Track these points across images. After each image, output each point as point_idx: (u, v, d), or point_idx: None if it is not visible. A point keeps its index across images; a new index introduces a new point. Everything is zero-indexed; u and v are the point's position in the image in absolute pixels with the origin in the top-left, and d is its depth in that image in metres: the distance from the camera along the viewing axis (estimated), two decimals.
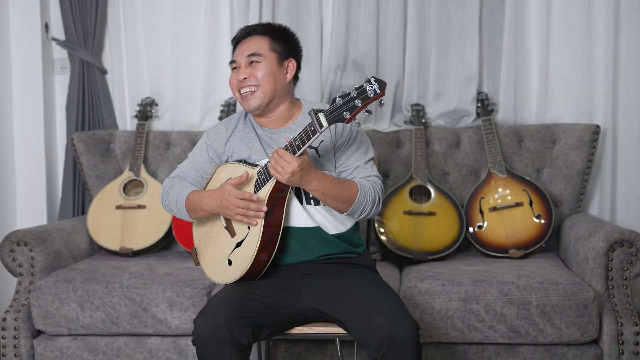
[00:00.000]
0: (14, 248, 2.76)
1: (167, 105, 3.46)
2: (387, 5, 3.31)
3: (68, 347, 2.68)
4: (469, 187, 3.19)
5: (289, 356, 2.62)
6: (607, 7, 3.18)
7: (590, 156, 3.13)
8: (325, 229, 2.20)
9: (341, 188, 2.11)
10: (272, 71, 2.21)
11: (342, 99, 1.93)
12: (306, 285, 2.16)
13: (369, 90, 1.90)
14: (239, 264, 2.15)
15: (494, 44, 3.32)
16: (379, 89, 1.90)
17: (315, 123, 1.96)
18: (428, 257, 2.96)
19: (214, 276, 2.24)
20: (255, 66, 2.21)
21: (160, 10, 3.43)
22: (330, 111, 1.94)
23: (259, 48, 2.22)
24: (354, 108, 1.91)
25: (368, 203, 2.14)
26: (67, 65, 3.50)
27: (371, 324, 1.97)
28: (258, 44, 2.23)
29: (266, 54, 2.22)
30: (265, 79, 2.20)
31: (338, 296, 2.10)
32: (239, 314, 2.01)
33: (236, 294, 2.11)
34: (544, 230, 2.99)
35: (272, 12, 3.34)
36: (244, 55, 2.23)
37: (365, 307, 2.03)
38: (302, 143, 2.00)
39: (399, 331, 1.94)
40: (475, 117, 3.30)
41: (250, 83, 2.21)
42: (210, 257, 2.27)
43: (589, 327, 2.50)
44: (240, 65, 2.24)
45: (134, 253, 3.10)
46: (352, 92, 1.92)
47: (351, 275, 2.18)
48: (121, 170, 3.33)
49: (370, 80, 1.91)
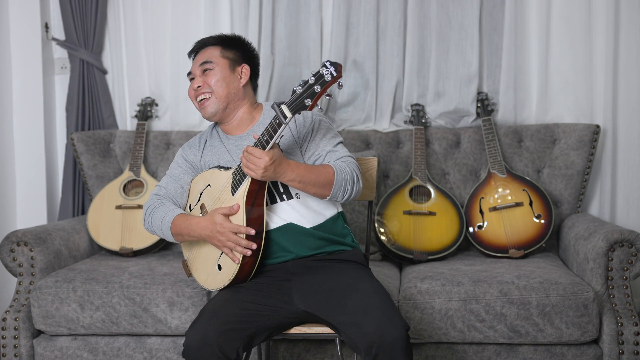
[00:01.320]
0: (14, 248, 2.76)
1: (167, 105, 3.47)
2: (387, 5, 3.31)
3: (68, 347, 2.68)
4: (469, 187, 3.19)
5: (289, 356, 2.62)
6: (607, 7, 3.18)
7: (590, 156, 3.13)
8: (300, 224, 2.20)
9: (317, 173, 2.13)
10: (224, 77, 2.29)
11: (301, 87, 1.96)
12: (296, 286, 2.15)
13: (326, 75, 1.94)
14: (228, 267, 2.15)
15: (494, 44, 3.32)
16: (335, 71, 1.94)
17: (279, 115, 1.99)
18: (428, 257, 2.96)
19: (207, 283, 2.25)
20: (208, 74, 2.30)
21: (160, 10, 3.43)
22: (292, 101, 1.97)
23: (210, 56, 2.33)
24: (314, 94, 1.94)
25: (347, 183, 2.15)
26: (67, 65, 3.50)
27: (360, 327, 1.96)
28: (209, 53, 2.33)
29: (217, 61, 2.31)
30: (218, 85, 2.28)
31: (327, 298, 2.09)
32: (229, 327, 2.01)
33: (227, 304, 2.10)
34: (544, 230, 2.99)
35: (272, 12, 3.34)
36: (197, 64, 2.33)
37: (354, 310, 2.02)
38: (269, 137, 2.03)
39: (388, 334, 1.93)
40: (475, 117, 3.31)
41: (205, 90, 2.30)
42: (201, 265, 2.27)
43: (589, 327, 2.50)
44: (196, 75, 2.33)
45: (134, 253, 3.10)
46: (310, 79, 1.96)
47: (340, 274, 2.16)
48: (121, 170, 3.33)
49: (325, 65, 1.94)
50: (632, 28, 3.20)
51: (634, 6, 3.19)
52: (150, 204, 2.32)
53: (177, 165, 2.38)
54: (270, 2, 3.33)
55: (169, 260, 3.01)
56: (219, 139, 2.35)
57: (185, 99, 3.43)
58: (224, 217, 2.13)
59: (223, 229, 2.11)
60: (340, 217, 2.29)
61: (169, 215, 2.25)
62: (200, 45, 2.38)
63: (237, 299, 2.12)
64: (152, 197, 2.34)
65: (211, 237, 2.15)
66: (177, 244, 3.22)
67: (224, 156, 2.30)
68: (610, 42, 3.19)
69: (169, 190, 2.34)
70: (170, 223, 2.23)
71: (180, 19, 3.41)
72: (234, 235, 2.10)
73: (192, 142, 2.40)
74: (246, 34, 3.34)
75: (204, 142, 2.38)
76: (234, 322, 2.03)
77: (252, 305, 2.10)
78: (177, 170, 2.37)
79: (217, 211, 2.14)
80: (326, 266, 2.20)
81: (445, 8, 3.29)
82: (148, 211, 2.31)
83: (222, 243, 2.12)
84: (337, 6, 3.32)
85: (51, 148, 3.50)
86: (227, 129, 2.35)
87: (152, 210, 2.30)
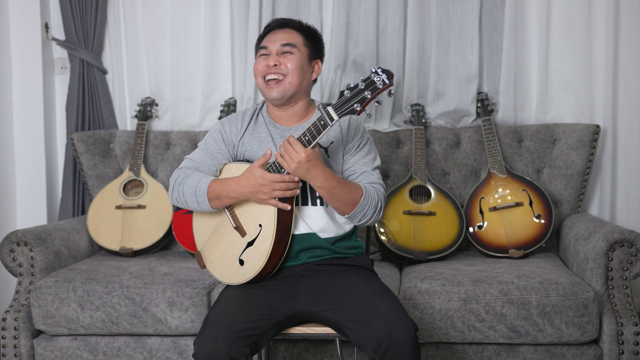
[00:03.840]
0: (14, 248, 2.76)
1: (167, 105, 3.47)
2: (387, 5, 3.31)
3: (68, 347, 2.68)
4: (469, 187, 3.19)
5: (289, 356, 2.62)
6: (607, 7, 3.18)
7: (590, 156, 3.13)
8: (322, 234, 2.19)
9: (347, 189, 2.10)
10: (301, 65, 2.22)
11: (350, 92, 1.94)
12: (304, 287, 2.15)
13: (378, 81, 1.92)
14: (253, 263, 2.13)
15: (494, 44, 3.32)
16: (387, 79, 1.91)
17: (325, 117, 1.96)
18: (428, 257, 2.96)
19: (225, 277, 2.21)
20: (287, 56, 2.21)
21: (160, 10, 3.44)
22: (339, 104, 1.95)
23: (294, 40, 2.23)
24: (364, 100, 1.93)
25: (370, 209, 2.14)
26: (67, 65, 3.50)
27: (369, 325, 1.97)
28: (293, 36, 2.24)
29: (300, 48, 2.23)
30: (295, 72, 2.20)
31: (336, 298, 2.09)
32: (238, 336, 1.98)
33: (234, 311, 2.06)
34: (544, 230, 2.99)
35: (272, 12, 3.34)
36: (277, 43, 2.22)
37: (363, 308, 2.02)
38: (312, 137, 2.00)
39: (397, 332, 1.93)
40: (475, 117, 3.31)
41: (279, 71, 2.20)
42: (219, 258, 2.23)
43: (589, 327, 2.50)
44: (271, 53, 2.22)
45: (134, 253, 3.10)
46: (359, 84, 1.93)
47: (349, 277, 2.17)
48: (121, 170, 3.33)
49: (377, 72, 1.92)
50: (632, 28, 3.20)
51: (634, 6, 3.19)
52: (180, 174, 2.22)
53: (215, 143, 2.27)
54: (270, 2, 3.33)
55: (169, 260, 3.01)
56: (264, 124, 2.27)
57: (185, 99, 3.44)
58: (263, 169, 2.08)
59: (265, 180, 2.06)
60: (356, 230, 2.31)
61: (204, 180, 2.16)
62: (282, 24, 2.27)
63: (244, 304, 2.09)
64: (181, 170, 2.24)
65: (255, 193, 2.08)
66: (177, 244, 3.22)
67: (267, 143, 2.23)
68: (610, 42, 3.19)
69: (202, 168, 2.24)
70: (207, 187, 2.15)
71: (180, 19, 3.41)
72: (279, 183, 2.05)
73: (233, 120, 2.29)
74: (246, 34, 3.35)
75: (247, 122, 2.28)
76: (243, 330, 1.99)
77: (259, 309, 2.07)
78: (214, 147, 2.26)
79: (254, 166, 2.09)
80: (335, 270, 2.20)
81: (445, 8, 3.29)
82: (178, 181, 2.21)
83: (268, 195, 2.06)
84: (337, 6, 3.32)
85: (51, 148, 3.50)
86: (278, 117, 2.27)
87: (183, 179, 2.20)
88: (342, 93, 1.94)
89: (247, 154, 2.25)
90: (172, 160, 3.31)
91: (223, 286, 2.64)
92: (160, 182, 3.25)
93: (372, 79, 1.92)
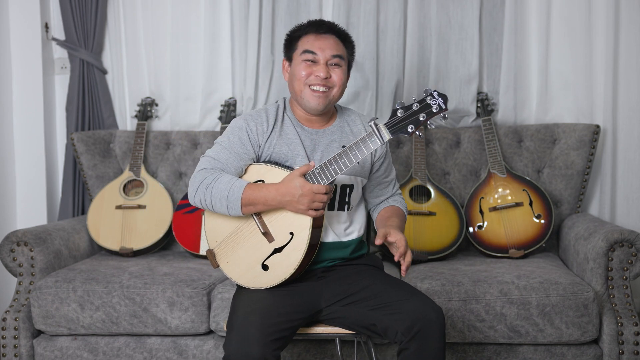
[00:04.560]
0: (14, 248, 2.76)
1: (167, 105, 3.46)
2: (387, 5, 3.31)
3: (68, 347, 2.68)
4: (469, 187, 3.19)
5: (289, 356, 2.62)
6: (607, 7, 3.18)
7: (590, 156, 3.13)
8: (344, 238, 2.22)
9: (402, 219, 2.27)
10: (344, 80, 2.19)
11: (403, 112, 1.95)
12: (324, 286, 2.15)
13: (434, 105, 1.94)
14: (280, 270, 2.09)
15: (494, 44, 3.32)
16: (443, 103, 1.93)
17: (376, 134, 1.97)
18: (428, 257, 2.96)
19: (241, 279, 2.14)
20: (334, 69, 2.15)
21: (160, 10, 3.43)
22: (393, 123, 1.96)
23: (342, 52, 2.17)
24: (418, 122, 1.94)
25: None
26: (67, 65, 3.50)
27: (400, 307, 2.00)
28: (339, 47, 2.17)
29: (345, 60, 2.19)
30: (339, 87, 2.17)
31: (359, 291, 2.11)
32: (271, 338, 1.95)
33: (264, 312, 2.01)
34: (544, 230, 2.99)
35: (272, 12, 3.34)
36: (327, 52, 2.15)
37: (391, 295, 2.05)
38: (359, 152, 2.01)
39: (429, 313, 1.97)
40: (475, 117, 3.31)
41: (328, 84, 2.15)
42: (237, 260, 2.16)
43: (589, 327, 2.50)
44: (319, 62, 2.15)
45: (134, 253, 3.10)
46: (414, 105, 1.95)
47: (367, 272, 2.20)
48: (121, 170, 3.33)
49: (433, 95, 1.94)
50: (632, 28, 3.20)
51: (634, 6, 3.18)
52: (208, 176, 2.09)
53: (240, 142, 2.14)
54: (270, 2, 3.33)
55: (169, 260, 3.01)
56: (292, 126, 2.19)
57: (185, 99, 3.43)
58: (303, 178, 2.02)
59: (306, 190, 1.99)
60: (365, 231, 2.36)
61: (237, 184, 2.06)
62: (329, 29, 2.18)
63: (272, 306, 2.04)
64: (207, 171, 2.11)
65: (292, 202, 2.02)
66: (177, 244, 3.22)
67: (296, 147, 2.16)
68: (610, 42, 3.19)
69: (228, 168, 2.12)
70: (242, 192, 2.04)
71: (180, 19, 3.41)
72: (320, 195, 2.01)
73: (258, 119, 2.17)
74: (246, 34, 3.34)
75: (273, 122, 2.18)
76: (274, 333, 1.96)
77: (287, 310, 2.04)
78: (240, 148, 2.14)
79: (295, 174, 2.02)
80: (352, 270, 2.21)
81: (445, 8, 3.29)
82: (205, 183, 2.08)
83: (307, 205, 2.01)
84: (337, 6, 3.31)
85: (51, 148, 3.50)
86: (305, 119, 2.21)
87: (212, 181, 2.07)
88: (395, 112, 1.95)
89: (274, 156, 2.17)
90: (172, 160, 3.31)
91: (224, 286, 2.65)
92: (160, 182, 3.25)
93: (427, 102, 1.93)
